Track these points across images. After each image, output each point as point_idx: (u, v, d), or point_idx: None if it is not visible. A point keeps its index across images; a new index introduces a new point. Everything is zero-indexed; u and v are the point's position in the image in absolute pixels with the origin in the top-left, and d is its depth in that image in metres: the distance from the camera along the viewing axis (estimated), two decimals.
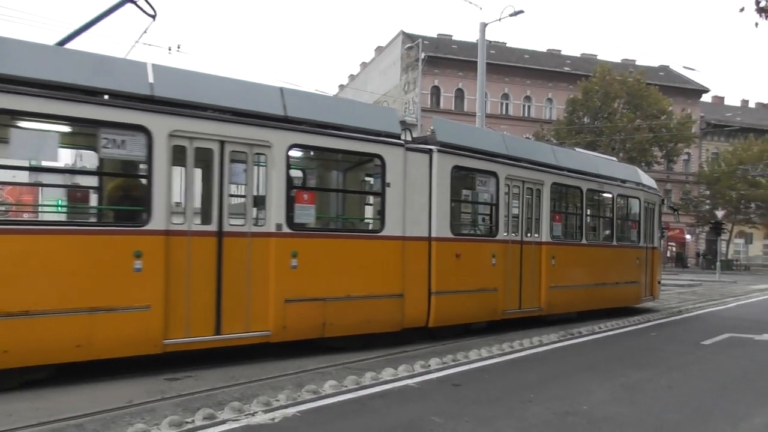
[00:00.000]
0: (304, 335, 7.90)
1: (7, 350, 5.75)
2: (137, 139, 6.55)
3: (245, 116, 7.39)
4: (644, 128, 39.25)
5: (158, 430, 4.72)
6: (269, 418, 5.11)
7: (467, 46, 43.40)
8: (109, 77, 6.54)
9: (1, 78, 5.87)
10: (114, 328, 6.33)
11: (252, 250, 7.32)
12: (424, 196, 9.19)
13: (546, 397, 6.11)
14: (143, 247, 6.51)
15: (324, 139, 8.18)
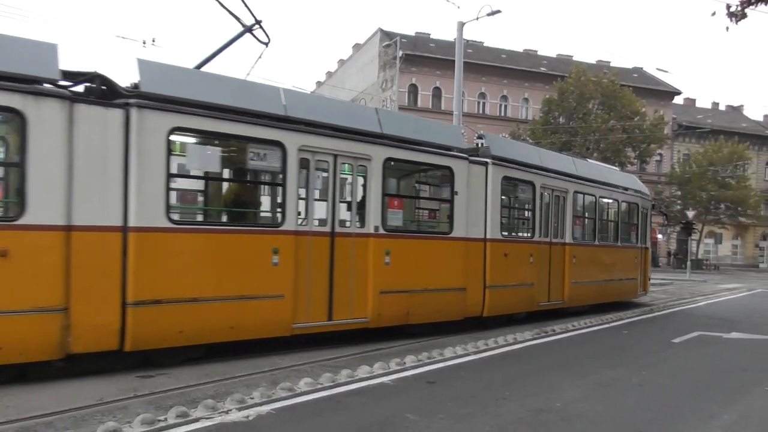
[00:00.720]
0: (394, 322, 9.18)
1: (182, 331, 6.92)
2: (275, 153, 7.76)
3: (353, 133, 8.60)
4: (618, 129, 39.78)
5: (130, 428, 4.65)
6: (243, 416, 5.07)
7: (445, 45, 43.55)
8: (253, 99, 7.72)
9: (188, 102, 7.05)
10: (257, 314, 7.56)
11: (355, 248, 8.57)
12: (481, 202, 10.54)
13: (520, 394, 6.16)
14: (280, 245, 7.71)
15: (410, 153, 9.48)
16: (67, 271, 6.13)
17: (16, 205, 6.02)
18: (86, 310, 6.23)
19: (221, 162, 8.08)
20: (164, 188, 6.81)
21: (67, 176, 6.19)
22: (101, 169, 6.42)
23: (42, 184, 6.03)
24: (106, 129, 6.44)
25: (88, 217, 6.31)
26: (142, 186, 6.60)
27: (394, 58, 39.96)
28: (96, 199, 6.37)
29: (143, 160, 6.63)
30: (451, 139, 10.35)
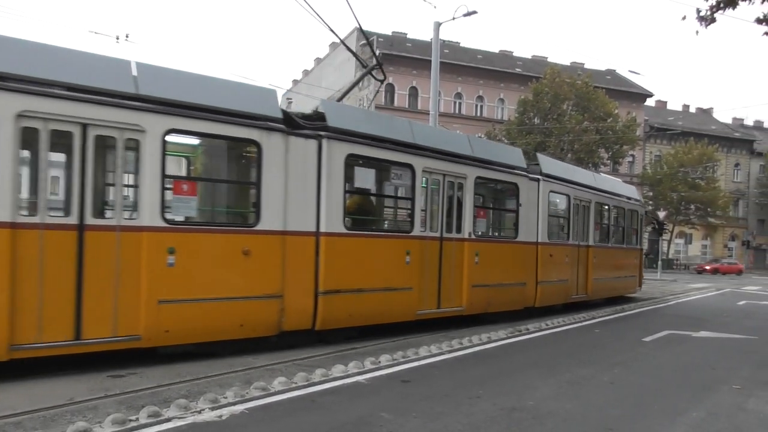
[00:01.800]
0: (479, 311, 11.27)
1: (351, 315, 8.87)
2: (407, 173, 9.83)
3: (456, 157, 10.72)
4: (591, 130, 40.30)
5: (101, 428, 4.59)
6: (216, 416, 5.03)
7: (421, 45, 43.65)
8: (393, 131, 9.81)
9: (357, 134, 9.01)
10: (396, 302, 9.54)
11: (455, 250, 10.62)
12: (535, 212, 12.69)
13: (493, 392, 6.21)
14: (411, 247, 9.74)
15: (492, 172, 11.64)
16: (283, 266, 7.98)
17: (254, 215, 7.88)
18: (294, 297, 8.11)
19: (375, 180, 9.96)
20: (342, 201, 8.74)
21: (284, 191, 8.06)
22: (303, 185, 8.30)
23: (270, 198, 7.91)
24: (306, 155, 8.35)
25: (296, 224, 8.17)
26: (329, 200, 8.51)
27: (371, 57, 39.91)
28: (300, 210, 8.25)
29: (329, 180, 8.53)
30: (516, 159, 12.54)
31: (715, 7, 9.90)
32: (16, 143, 6.04)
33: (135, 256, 6.73)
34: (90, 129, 6.47)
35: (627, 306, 16.15)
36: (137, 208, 6.94)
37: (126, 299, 6.66)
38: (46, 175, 6.31)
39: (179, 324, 7.09)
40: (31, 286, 6.11)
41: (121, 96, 6.72)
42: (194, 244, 7.24)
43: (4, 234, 5.91)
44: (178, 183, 7.39)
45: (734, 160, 62.09)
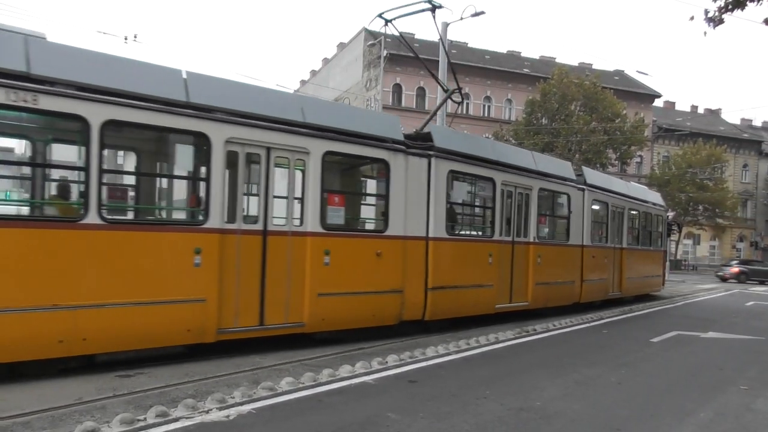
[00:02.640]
0: (540, 305, 12.73)
1: (450, 308, 10.41)
2: (489, 185, 11.43)
3: (525, 171, 12.29)
4: (599, 131, 40.14)
5: (109, 428, 4.62)
6: (224, 416, 5.05)
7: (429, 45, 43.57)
8: (480, 149, 11.42)
9: (457, 153, 10.56)
10: (481, 297, 11.06)
11: (523, 252, 12.14)
12: (580, 218, 14.25)
13: (501, 393, 6.21)
14: (492, 250, 11.34)
15: (549, 183, 13.19)
16: (404, 265, 9.43)
17: (384, 223, 9.38)
18: (411, 292, 9.58)
19: (466, 192, 11.62)
20: (444, 211, 10.25)
21: (404, 202, 9.54)
22: (417, 197, 9.78)
23: (395, 208, 9.42)
24: (420, 172, 9.84)
25: (412, 230, 9.65)
26: (435, 209, 9.99)
27: (379, 58, 39.95)
28: (415, 218, 9.71)
29: (436, 192, 10.01)
30: (567, 171, 14.22)
31: (723, 9, 9.83)
32: (224, 164, 7.43)
33: (301, 257, 8.14)
34: (272, 152, 7.92)
35: (635, 306, 16.09)
36: (303, 216, 8.27)
37: (294, 292, 8.07)
38: (243, 190, 7.78)
39: (332, 314, 8.49)
40: (231, 280, 7.42)
41: (294, 124, 8.17)
42: (343, 247, 8.67)
43: (215, 238, 7.28)
44: (331, 195, 8.80)
45: (742, 161, 61.72)
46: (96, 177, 6.45)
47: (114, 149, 7.26)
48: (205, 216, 7.30)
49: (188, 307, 7.09)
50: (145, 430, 4.65)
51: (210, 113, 7.35)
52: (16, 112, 6.44)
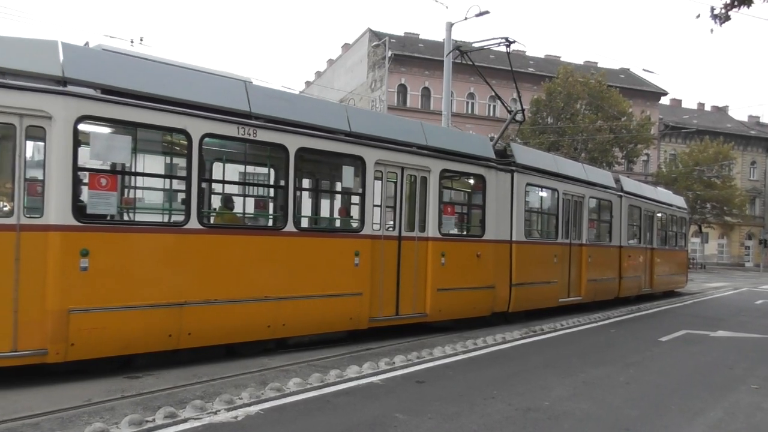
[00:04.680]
0: (590, 300, 14.39)
1: (528, 300, 12.14)
2: (554, 195, 13.32)
3: (578, 181, 14.18)
4: (605, 129, 40.02)
5: (118, 429, 4.63)
6: (232, 417, 5.05)
7: (434, 45, 43.60)
8: (547, 163, 13.37)
9: (534, 168, 12.49)
10: (547, 292, 12.82)
11: (577, 252, 13.88)
12: (619, 221, 16.00)
13: (508, 393, 6.19)
14: (556, 251, 13.11)
15: (598, 192, 15.10)
16: (495, 265, 11.09)
17: (480, 228, 11.05)
18: (499, 287, 11.26)
19: (538, 201, 13.21)
20: (523, 217, 11.95)
21: (495, 211, 11.20)
22: (503, 206, 11.44)
23: (490, 216, 11.08)
24: (505, 184, 11.53)
25: (500, 234, 11.32)
26: (517, 216, 11.69)
27: (383, 58, 39.94)
28: (502, 224, 11.38)
29: (517, 202, 11.70)
30: (610, 181, 16.04)
31: (729, 5, 9.78)
32: (373, 181, 9.02)
33: (424, 258, 9.73)
34: (405, 170, 9.57)
35: (643, 306, 16.03)
36: (426, 224, 9.83)
37: (419, 287, 9.64)
38: (386, 202, 9.54)
39: (446, 306, 10.06)
40: (378, 277, 8.98)
41: (419, 146, 9.84)
42: (454, 249, 10.31)
43: (368, 243, 8.87)
44: (445, 206, 10.30)
45: (750, 158, 61.40)
46: (292, 194, 7.99)
47: (301, 172, 8.42)
48: (362, 225, 8.88)
49: (351, 299, 8.65)
50: (154, 431, 4.66)
51: (365, 140, 8.93)
52: (241, 143, 7.92)
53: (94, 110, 6.34)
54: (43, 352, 5.97)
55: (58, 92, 6.11)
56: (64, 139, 6.08)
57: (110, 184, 6.52)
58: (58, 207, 6.05)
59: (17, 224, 5.91)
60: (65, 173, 6.10)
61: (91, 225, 6.31)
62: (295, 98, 9.37)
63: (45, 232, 6.01)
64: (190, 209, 6.99)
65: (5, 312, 5.81)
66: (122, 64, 6.89)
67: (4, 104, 5.84)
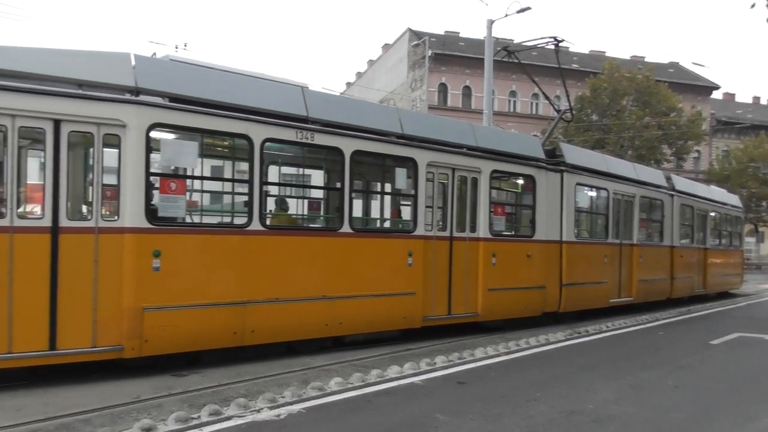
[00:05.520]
0: (643, 299, 14.28)
1: (578, 301, 12.07)
2: (604, 195, 13.16)
3: (628, 180, 14.07)
4: (653, 126, 38.95)
5: (165, 425, 4.75)
6: (275, 415, 5.13)
7: (474, 43, 43.22)
8: (597, 162, 13.36)
9: (583, 168, 12.44)
10: (599, 293, 12.81)
11: (630, 254, 13.76)
12: (671, 221, 15.74)
13: (552, 395, 6.10)
14: (607, 251, 13.04)
15: (649, 191, 14.86)
16: (546, 265, 11.18)
17: (530, 229, 11.14)
18: (550, 287, 11.30)
19: (587, 201, 13.20)
20: (573, 217, 12.00)
21: (546, 211, 11.26)
22: (553, 206, 11.48)
23: (540, 216, 11.17)
24: (555, 184, 11.57)
25: (550, 235, 11.38)
26: (567, 217, 11.68)
27: (423, 58, 39.85)
28: (552, 224, 11.44)
29: (567, 202, 11.76)
30: (661, 180, 15.81)
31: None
32: (426, 182, 9.24)
33: (475, 258, 9.84)
34: (456, 171, 9.69)
35: (694, 308, 15.57)
36: (476, 224, 9.95)
37: (470, 287, 9.76)
38: (437, 203, 9.53)
39: (497, 306, 10.17)
40: (430, 277, 9.12)
41: (470, 148, 10.00)
42: (505, 250, 10.38)
43: (420, 243, 9.03)
44: (495, 206, 10.41)
45: None
46: (348, 195, 8.24)
47: (355, 174, 8.56)
48: (414, 225, 9.04)
49: (404, 298, 8.84)
50: (199, 428, 4.76)
51: (417, 142, 9.10)
52: (299, 147, 8.17)
53: (164, 118, 6.70)
54: (120, 348, 6.30)
55: (132, 102, 6.48)
56: (137, 146, 6.41)
57: (179, 188, 6.92)
58: (132, 210, 6.38)
59: (95, 227, 6.25)
60: (138, 178, 6.44)
61: (162, 227, 6.64)
62: (350, 102, 10.09)
63: (121, 234, 6.35)
64: (252, 211, 7.30)
65: (85, 310, 6.14)
66: (188, 73, 7.24)
67: (84, 114, 6.20)
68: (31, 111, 5.94)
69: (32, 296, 5.88)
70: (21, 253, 5.84)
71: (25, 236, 5.89)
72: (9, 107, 5.84)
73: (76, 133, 6.25)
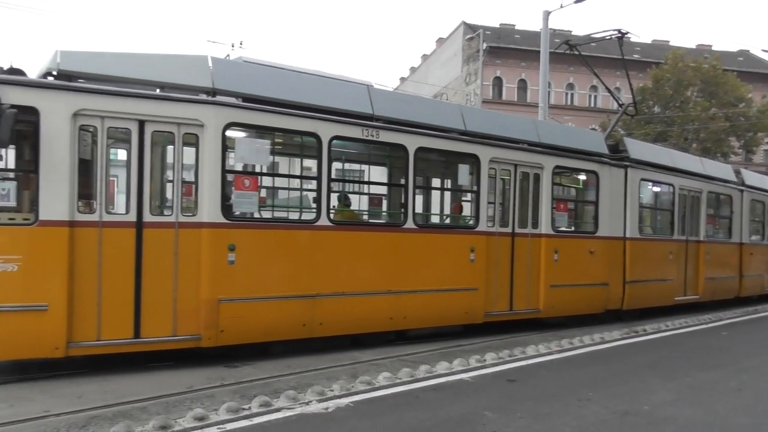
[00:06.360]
0: (709, 298, 13.89)
1: (641, 298, 11.80)
2: (669, 191, 12.85)
3: (693, 175, 13.58)
4: (720, 117, 37.28)
5: (216, 415, 4.87)
6: (323, 408, 5.19)
7: (530, 36, 42.36)
8: (662, 158, 12.97)
9: (650, 164, 12.12)
10: (663, 290, 12.49)
11: (696, 250, 13.49)
12: (740, 218, 15.27)
13: (605, 395, 5.94)
14: (672, 248, 12.76)
15: (716, 186, 14.43)
16: (609, 261, 11.01)
17: (593, 225, 11.01)
18: (613, 285, 11.13)
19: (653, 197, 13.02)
20: (637, 214, 11.75)
21: (609, 207, 11.08)
22: (616, 202, 11.28)
23: (603, 213, 10.99)
24: (618, 180, 11.35)
25: (614, 231, 11.15)
26: (631, 213, 11.48)
27: (478, 51, 39.42)
28: (615, 221, 11.23)
29: (631, 198, 11.50)
30: (730, 174, 15.38)
31: None
32: (488, 179, 9.32)
33: (537, 254, 9.91)
34: (518, 167, 9.73)
35: (761, 307, 14.86)
36: (538, 220, 9.96)
37: (532, 283, 9.84)
38: (499, 199, 9.64)
39: (559, 302, 10.19)
40: (492, 273, 9.25)
41: (532, 144, 10.00)
42: (567, 246, 10.40)
43: (483, 239, 9.18)
44: (558, 202, 10.50)
45: None
46: (412, 192, 8.40)
47: (418, 170, 8.76)
48: (477, 221, 9.15)
49: (466, 294, 8.95)
50: (249, 418, 4.86)
51: (479, 138, 9.20)
52: (364, 144, 8.37)
53: (239, 117, 7.03)
54: (198, 338, 6.63)
55: (210, 102, 6.81)
56: (214, 144, 6.73)
57: (252, 184, 7.21)
58: (209, 206, 6.71)
59: (176, 222, 6.60)
60: (215, 175, 6.75)
61: (236, 222, 7.01)
62: (413, 99, 10.27)
63: (199, 229, 6.67)
64: (320, 207, 7.59)
65: (166, 300, 6.49)
66: (260, 74, 7.53)
67: (166, 114, 6.57)
68: (118, 112, 6.34)
69: (119, 287, 6.26)
70: (108, 246, 6.23)
71: (113, 230, 6.28)
72: (99, 109, 6.24)
73: (158, 132, 6.62)
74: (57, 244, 5.96)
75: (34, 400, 5.36)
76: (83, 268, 6.09)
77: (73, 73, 6.25)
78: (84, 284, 6.09)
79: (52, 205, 5.97)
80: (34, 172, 5.99)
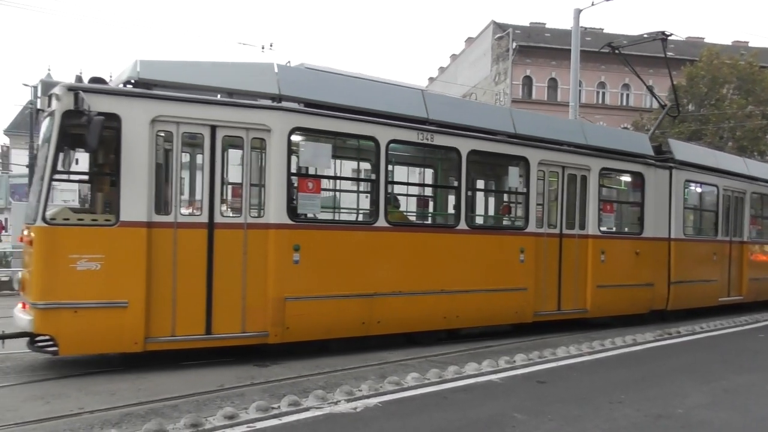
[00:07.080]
0: (753, 299, 13.84)
1: (686, 299, 11.81)
2: (713, 192, 12.86)
3: (736, 176, 13.60)
4: (757, 115, 36.32)
5: (246, 413, 4.93)
6: (351, 408, 5.20)
7: (561, 34, 41.85)
8: (706, 159, 12.97)
9: (694, 165, 12.16)
10: (707, 291, 12.52)
11: (740, 251, 13.45)
12: None
13: (637, 398, 5.85)
14: (716, 249, 12.86)
15: (762, 187, 14.51)
16: (654, 262, 11.10)
17: (639, 226, 11.10)
18: (658, 285, 11.25)
19: (697, 198, 12.95)
20: (682, 215, 11.83)
21: (654, 208, 11.20)
22: (661, 203, 11.36)
23: (649, 214, 11.10)
24: (663, 181, 11.43)
25: (658, 232, 11.29)
26: (676, 214, 11.53)
27: (507, 50, 39.12)
28: (660, 221, 11.32)
29: (676, 199, 11.60)
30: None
31: None
32: (537, 181, 9.50)
33: (584, 255, 10.05)
34: (566, 170, 9.92)
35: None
36: (585, 222, 10.15)
37: (580, 284, 10.01)
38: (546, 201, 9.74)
39: (606, 302, 10.34)
40: (540, 273, 9.43)
41: (579, 146, 10.18)
42: (613, 247, 10.54)
43: (532, 240, 9.38)
44: (604, 204, 10.57)
45: None
46: (464, 193, 8.64)
47: (470, 172, 8.91)
48: (526, 222, 9.38)
49: (516, 294, 9.17)
50: (278, 417, 4.90)
51: (528, 141, 9.41)
52: (419, 147, 8.63)
53: (303, 122, 7.35)
54: (265, 334, 6.89)
55: (276, 108, 7.08)
56: (280, 148, 7.01)
57: (315, 187, 7.56)
58: (276, 208, 7.00)
59: (245, 223, 6.86)
60: (281, 178, 7.03)
61: (301, 223, 7.31)
62: (465, 103, 11.13)
63: (266, 229, 6.92)
64: (378, 209, 7.83)
65: (236, 298, 6.74)
66: (322, 80, 7.81)
67: (236, 120, 6.87)
68: (192, 118, 6.63)
69: (192, 285, 6.52)
70: (183, 245, 6.49)
71: (187, 231, 6.56)
72: (175, 115, 6.52)
73: (229, 137, 6.86)
74: (136, 244, 6.25)
75: (70, 397, 5.50)
76: (159, 266, 6.40)
77: (150, 81, 6.55)
78: (160, 282, 6.38)
79: (132, 207, 6.26)
80: (116, 176, 6.28)
